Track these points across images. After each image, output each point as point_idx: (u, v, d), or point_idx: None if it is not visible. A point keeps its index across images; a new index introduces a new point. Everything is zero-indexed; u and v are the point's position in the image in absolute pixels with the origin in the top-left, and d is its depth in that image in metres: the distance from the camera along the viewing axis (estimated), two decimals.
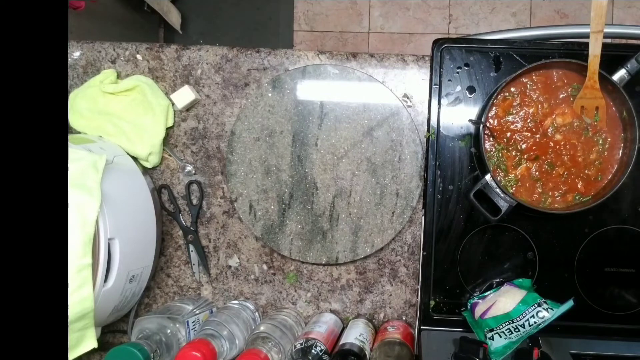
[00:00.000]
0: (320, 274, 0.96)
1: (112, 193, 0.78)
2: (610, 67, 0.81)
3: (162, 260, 0.98)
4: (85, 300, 0.71)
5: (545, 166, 0.85)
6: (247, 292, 0.98)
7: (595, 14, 0.77)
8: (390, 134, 0.93)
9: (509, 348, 0.75)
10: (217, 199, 0.97)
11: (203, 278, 0.98)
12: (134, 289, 0.86)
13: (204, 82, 0.96)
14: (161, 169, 0.97)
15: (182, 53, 0.96)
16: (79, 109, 0.93)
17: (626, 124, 0.83)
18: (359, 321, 0.92)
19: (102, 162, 0.77)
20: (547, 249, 0.89)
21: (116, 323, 0.95)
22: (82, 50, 0.97)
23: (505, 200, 0.82)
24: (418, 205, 0.93)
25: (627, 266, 0.88)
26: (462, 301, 0.89)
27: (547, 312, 0.75)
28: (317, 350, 0.80)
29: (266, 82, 0.95)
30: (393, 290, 0.96)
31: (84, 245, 0.70)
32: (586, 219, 0.88)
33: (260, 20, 1.95)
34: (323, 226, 0.94)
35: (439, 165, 0.89)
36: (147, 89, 0.92)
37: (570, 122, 0.84)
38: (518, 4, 1.83)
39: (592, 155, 0.84)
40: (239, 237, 0.97)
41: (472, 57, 0.89)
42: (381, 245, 0.94)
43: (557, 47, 0.90)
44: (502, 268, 0.89)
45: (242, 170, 0.95)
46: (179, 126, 0.97)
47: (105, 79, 0.93)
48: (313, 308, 0.97)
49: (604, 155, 0.84)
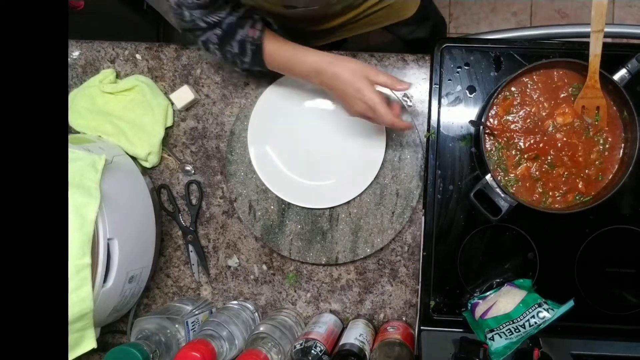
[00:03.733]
0: (320, 274, 0.96)
1: (112, 193, 0.78)
2: (611, 67, 0.81)
3: (161, 260, 0.98)
4: (84, 301, 0.71)
5: (546, 166, 0.84)
6: (246, 292, 0.97)
7: (596, 13, 0.77)
8: (390, 133, 0.92)
9: (509, 348, 0.75)
10: (216, 199, 0.97)
11: (202, 278, 0.98)
12: (133, 289, 0.86)
13: (204, 81, 0.96)
14: (160, 169, 0.97)
15: (182, 53, 0.96)
16: (78, 108, 0.92)
17: (627, 123, 0.82)
18: (359, 321, 0.92)
19: (101, 162, 0.76)
20: (547, 249, 0.88)
21: (115, 323, 0.95)
22: (81, 50, 0.97)
23: (506, 200, 0.81)
24: (418, 205, 0.93)
25: (628, 266, 0.88)
26: (463, 301, 0.89)
27: (547, 313, 0.75)
28: (317, 350, 0.80)
29: (266, 81, 0.94)
30: (393, 291, 0.95)
31: (83, 246, 0.70)
32: (587, 219, 0.88)
33: None
34: (323, 226, 0.94)
35: (439, 165, 0.89)
36: (146, 88, 0.92)
37: (571, 122, 0.84)
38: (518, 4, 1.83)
39: (592, 155, 0.84)
40: (239, 237, 0.97)
41: (472, 57, 0.89)
42: (381, 246, 0.93)
43: (557, 46, 0.90)
44: (503, 268, 0.89)
45: (242, 170, 0.94)
46: (178, 126, 0.97)
47: (105, 79, 0.93)
48: (313, 308, 0.97)
49: (604, 155, 0.84)
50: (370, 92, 0.75)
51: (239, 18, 0.76)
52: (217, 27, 0.75)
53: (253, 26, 0.77)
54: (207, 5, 0.71)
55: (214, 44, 0.78)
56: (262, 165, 0.93)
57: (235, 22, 0.76)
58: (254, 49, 0.78)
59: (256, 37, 0.77)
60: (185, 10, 0.71)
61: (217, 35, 0.76)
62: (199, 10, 0.72)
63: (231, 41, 0.77)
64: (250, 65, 0.81)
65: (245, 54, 0.79)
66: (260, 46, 0.78)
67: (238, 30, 0.76)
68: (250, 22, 0.77)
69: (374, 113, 0.77)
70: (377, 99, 0.75)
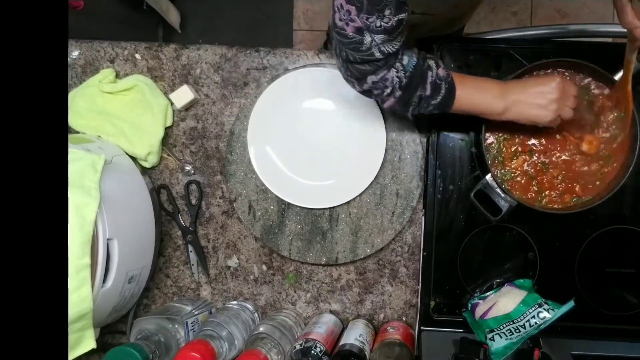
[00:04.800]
0: (320, 275, 0.96)
1: (111, 193, 0.78)
2: (611, 67, 0.81)
3: (161, 260, 0.97)
4: (84, 301, 0.71)
5: (540, 164, 0.84)
6: (246, 292, 0.97)
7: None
8: (390, 133, 0.92)
9: (509, 349, 0.75)
10: (216, 199, 0.97)
11: (202, 278, 0.98)
12: (132, 289, 0.86)
13: (203, 81, 0.96)
14: (160, 169, 0.97)
15: (181, 52, 0.96)
16: (78, 108, 0.92)
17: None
18: (359, 322, 0.92)
19: (100, 162, 0.76)
20: (547, 250, 0.88)
21: (115, 324, 0.95)
22: (81, 50, 0.96)
23: (506, 200, 0.81)
24: (418, 205, 0.93)
25: (629, 266, 0.88)
26: (463, 302, 0.89)
27: (547, 313, 0.75)
28: (317, 351, 0.80)
29: (265, 81, 0.94)
30: (393, 291, 0.95)
31: (83, 246, 0.70)
32: (587, 219, 0.88)
33: (259, 20, 1.95)
34: (323, 226, 0.94)
35: (439, 165, 0.89)
36: (145, 88, 0.92)
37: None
38: (519, 4, 1.83)
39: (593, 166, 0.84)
40: (238, 238, 0.97)
41: (472, 57, 0.89)
42: (381, 246, 0.93)
43: (558, 46, 0.90)
44: (503, 268, 0.89)
45: (242, 170, 0.94)
46: (177, 126, 0.96)
47: (104, 79, 0.93)
48: (313, 309, 0.97)
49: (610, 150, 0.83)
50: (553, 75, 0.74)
51: (421, 61, 0.70)
52: (394, 67, 0.68)
53: (438, 64, 0.72)
54: (394, 30, 0.64)
55: (400, 87, 0.70)
56: (261, 165, 0.93)
57: (421, 65, 0.70)
58: (447, 87, 0.72)
59: (446, 75, 0.72)
60: (367, 35, 0.63)
61: (406, 77, 0.69)
62: (382, 36, 0.64)
63: (424, 84, 0.71)
64: (435, 107, 0.74)
65: (439, 94, 0.72)
66: (452, 84, 0.72)
67: (428, 72, 0.71)
68: (434, 63, 0.72)
69: (565, 90, 0.74)
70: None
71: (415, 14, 0.87)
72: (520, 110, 0.74)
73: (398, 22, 0.63)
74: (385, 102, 0.73)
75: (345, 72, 0.71)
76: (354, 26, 0.63)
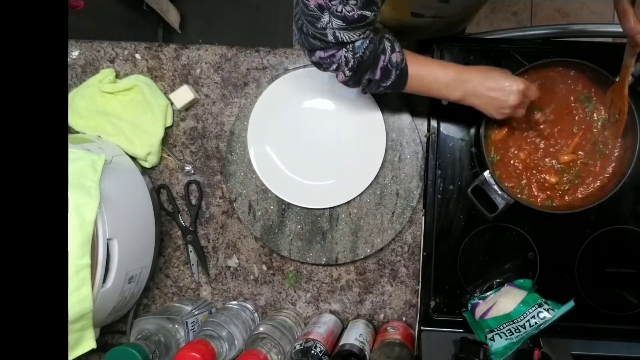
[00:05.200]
0: (320, 275, 0.96)
1: (111, 193, 0.78)
2: (611, 67, 0.80)
3: (161, 260, 0.97)
4: (83, 301, 0.71)
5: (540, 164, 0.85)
6: (246, 292, 0.97)
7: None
8: (390, 133, 0.92)
9: (509, 349, 0.75)
10: (216, 199, 0.97)
11: (202, 278, 0.98)
12: (132, 289, 0.86)
13: (203, 81, 0.96)
14: (160, 169, 0.97)
15: (181, 52, 0.96)
16: (78, 108, 0.92)
17: (627, 124, 0.82)
18: (359, 322, 0.92)
19: (100, 162, 0.76)
20: (548, 249, 0.88)
21: (115, 324, 0.95)
22: (81, 50, 0.96)
23: (503, 197, 0.81)
24: (418, 205, 0.93)
25: (629, 266, 0.88)
26: (463, 302, 0.89)
27: (548, 313, 0.75)
28: (317, 351, 0.80)
29: (265, 81, 0.94)
30: (393, 291, 0.95)
31: (83, 246, 0.70)
32: (587, 219, 0.88)
33: (259, 20, 1.95)
34: (323, 226, 0.94)
35: (439, 165, 0.89)
36: (145, 88, 0.92)
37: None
38: (519, 3, 1.83)
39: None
40: (238, 238, 0.97)
41: (472, 57, 0.89)
42: (381, 246, 0.93)
43: (558, 46, 0.90)
44: (503, 268, 0.89)
45: (242, 170, 0.94)
46: (177, 126, 0.96)
47: (104, 79, 0.93)
48: (313, 309, 0.97)
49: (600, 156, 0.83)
50: (519, 80, 0.74)
51: (376, 44, 0.70)
52: (345, 47, 0.69)
53: (394, 48, 0.72)
54: (354, 21, 0.64)
55: (348, 68, 0.71)
56: (261, 165, 0.93)
57: (374, 48, 0.70)
58: (398, 74, 0.73)
59: (400, 61, 0.72)
60: (326, 14, 0.64)
61: (354, 59, 0.69)
62: (340, 22, 0.64)
63: (374, 69, 0.72)
64: (386, 89, 0.75)
65: (388, 79, 0.73)
66: (405, 71, 0.73)
67: (380, 57, 0.71)
68: (389, 46, 0.72)
69: (526, 96, 0.75)
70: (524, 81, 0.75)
71: (426, 17, 0.87)
72: (473, 102, 0.76)
73: (360, 16, 0.64)
74: (337, 77, 0.74)
75: (298, 40, 0.71)
76: (317, 0, 0.63)
